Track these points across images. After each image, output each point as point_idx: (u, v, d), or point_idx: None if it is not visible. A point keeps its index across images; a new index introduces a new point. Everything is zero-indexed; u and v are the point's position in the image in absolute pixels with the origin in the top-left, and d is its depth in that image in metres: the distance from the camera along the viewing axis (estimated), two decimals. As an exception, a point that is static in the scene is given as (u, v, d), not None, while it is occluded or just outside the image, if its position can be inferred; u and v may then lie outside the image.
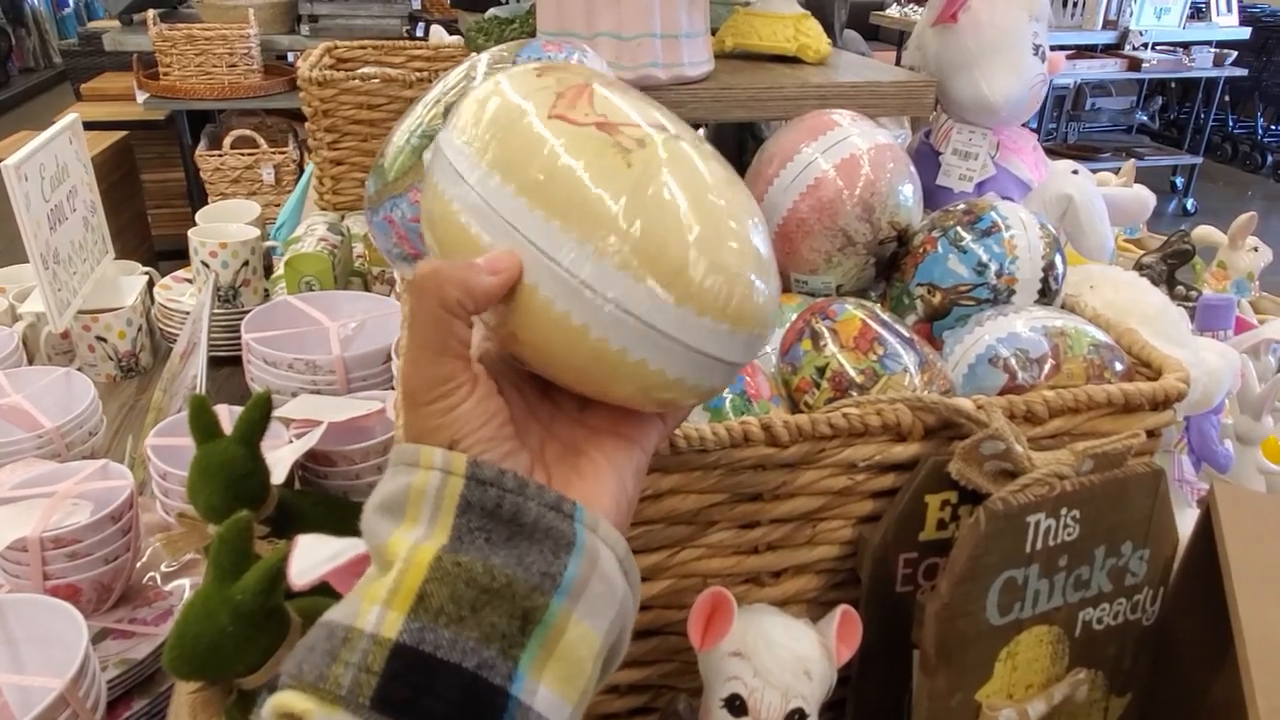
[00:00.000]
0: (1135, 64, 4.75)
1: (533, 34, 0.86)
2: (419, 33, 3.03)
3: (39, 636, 0.73)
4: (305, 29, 3.16)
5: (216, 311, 1.33)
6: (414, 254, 0.67)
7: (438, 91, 0.68)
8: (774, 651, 0.53)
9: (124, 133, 2.91)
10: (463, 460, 0.31)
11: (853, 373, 0.62)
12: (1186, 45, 4.90)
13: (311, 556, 0.48)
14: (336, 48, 1.83)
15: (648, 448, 0.38)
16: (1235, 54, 4.93)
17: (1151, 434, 0.63)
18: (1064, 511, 0.55)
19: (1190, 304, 1.25)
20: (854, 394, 0.61)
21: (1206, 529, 0.63)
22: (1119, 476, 0.56)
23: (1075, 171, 1.02)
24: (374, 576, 0.31)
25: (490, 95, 0.37)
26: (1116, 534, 0.58)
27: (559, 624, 0.30)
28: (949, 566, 0.54)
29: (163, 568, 0.93)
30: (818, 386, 0.63)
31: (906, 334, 0.65)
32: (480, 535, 0.30)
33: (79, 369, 1.27)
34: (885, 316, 0.66)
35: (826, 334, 0.64)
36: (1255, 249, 1.49)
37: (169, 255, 2.73)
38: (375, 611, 0.29)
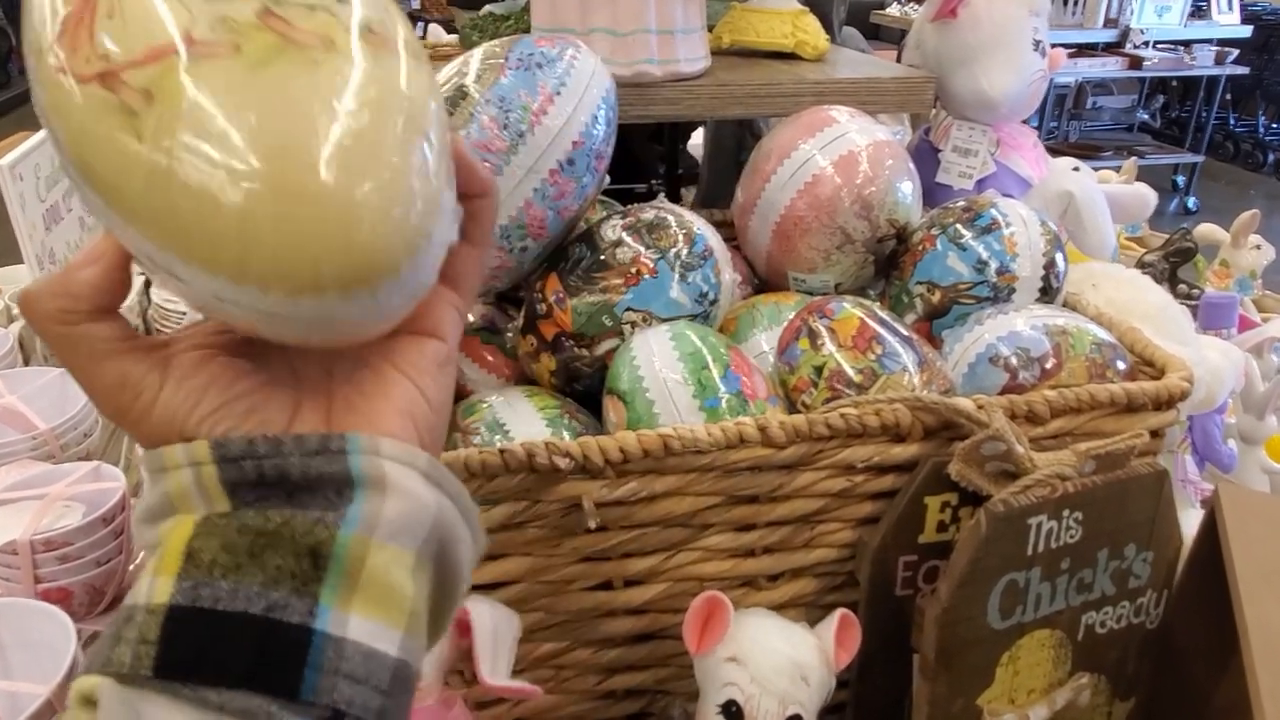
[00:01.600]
0: (1136, 62, 4.74)
1: (528, 30, 0.85)
2: (418, 32, 3.02)
3: (27, 641, 0.72)
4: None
5: (213, 312, 1.32)
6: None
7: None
8: (770, 657, 0.53)
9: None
10: (204, 446, 0.28)
11: (851, 372, 0.61)
12: (1188, 43, 4.89)
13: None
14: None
15: (446, 335, 0.34)
16: (1236, 52, 4.91)
17: (1155, 434, 0.62)
18: (1066, 513, 0.54)
19: (1193, 302, 1.23)
20: (852, 393, 0.60)
21: (1211, 530, 0.62)
22: (1122, 478, 0.55)
23: (1076, 169, 1.01)
24: (151, 562, 0.29)
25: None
26: (1120, 536, 0.57)
27: (355, 553, 0.28)
28: (949, 570, 0.53)
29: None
30: (815, 386, 0.62)
31: (905, 333, 0.64)
32: (256, 504, 0.28)
33: (74, 370, 1.26)
34: (884, 315, 0.65)
35: (824, 333, 0.63)
36: (1258, 247, 1.48)
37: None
38: (146, 582, 0.27)
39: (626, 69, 0.77)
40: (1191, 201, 4.96)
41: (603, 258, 0.66)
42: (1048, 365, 0.62)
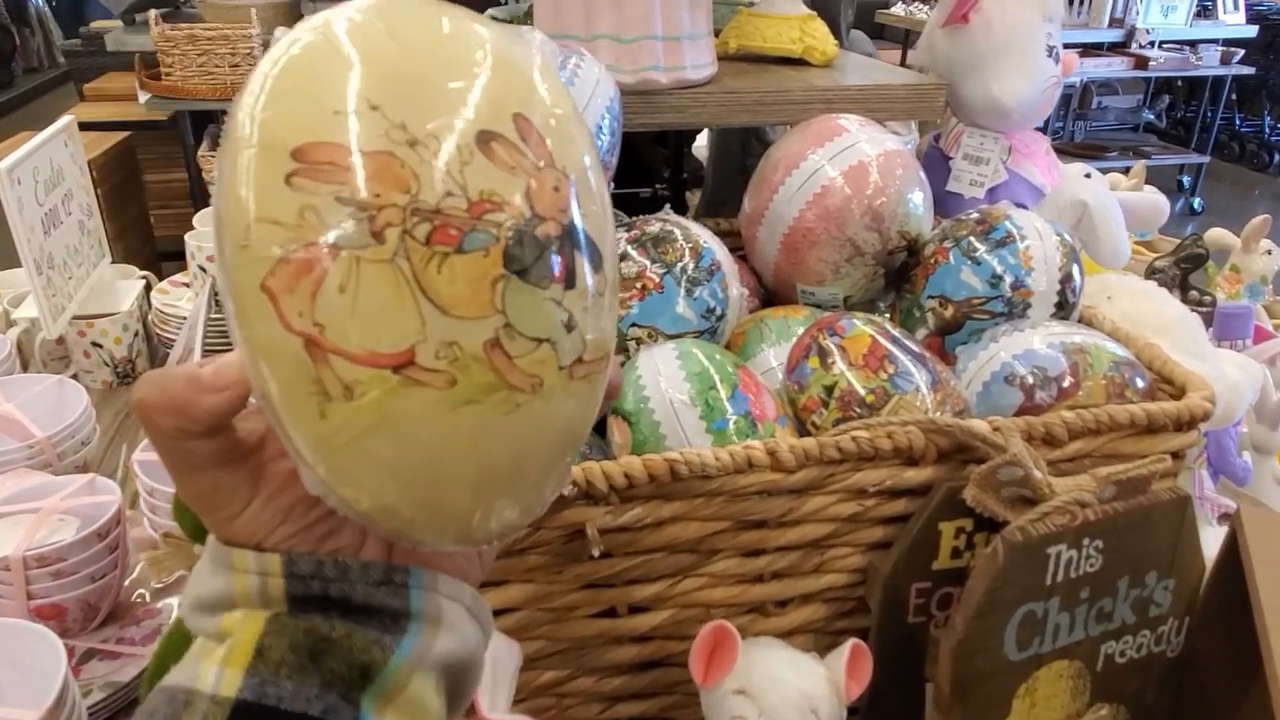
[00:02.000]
0: (1142, 62, 4.71)
1: (530, 36, 0.83)
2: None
3: (17, 663, 0.71)
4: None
5: (214, 316, 1.30)
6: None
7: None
8: (779, 689, 0.51)
9: (127, 133, 2.89)
10: (277, 561, 0.30)
11: (862, 392, 0.59)
12: (1193, 43, 4.86)
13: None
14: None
15: None
16: (1242, 52, 4.88)
17: (1175, 455, 0.60)
18: (1086, 542, 0.52)
19: (1204, 309, 1.22)
20: (863, 414, 0.58)
21: (1232, 553, 0.60)
22: (1144, 504, 0.54)
23: (1088, 175, 0.99)
24: (213, 647, 0.30)
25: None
26: (1141, 564, 0.55)
27: (399, 680, 0.30)
28: (964, 600, 0.52)
29: (152, 584, 0.91)
30: (825, 406, 0.60)
31: (918, 351, 0.62)
32: (317, 612, 0.30)
33: (74, 375, 1.25)
34: (895, 332, 0.63)
35: (834, 351, 0.61)
36: (1269, 252, 1.46)
37: (172, 256, 2.71)
38: (213, 672, 0.28)
39: (632, 76, 0.75)
40: (1197, 202, 4.93)
41: (607, 272, 0.64)
42: (1065, 385, 0.61)
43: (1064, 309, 0.69)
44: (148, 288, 1.41)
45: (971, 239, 0.70)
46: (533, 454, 0.28)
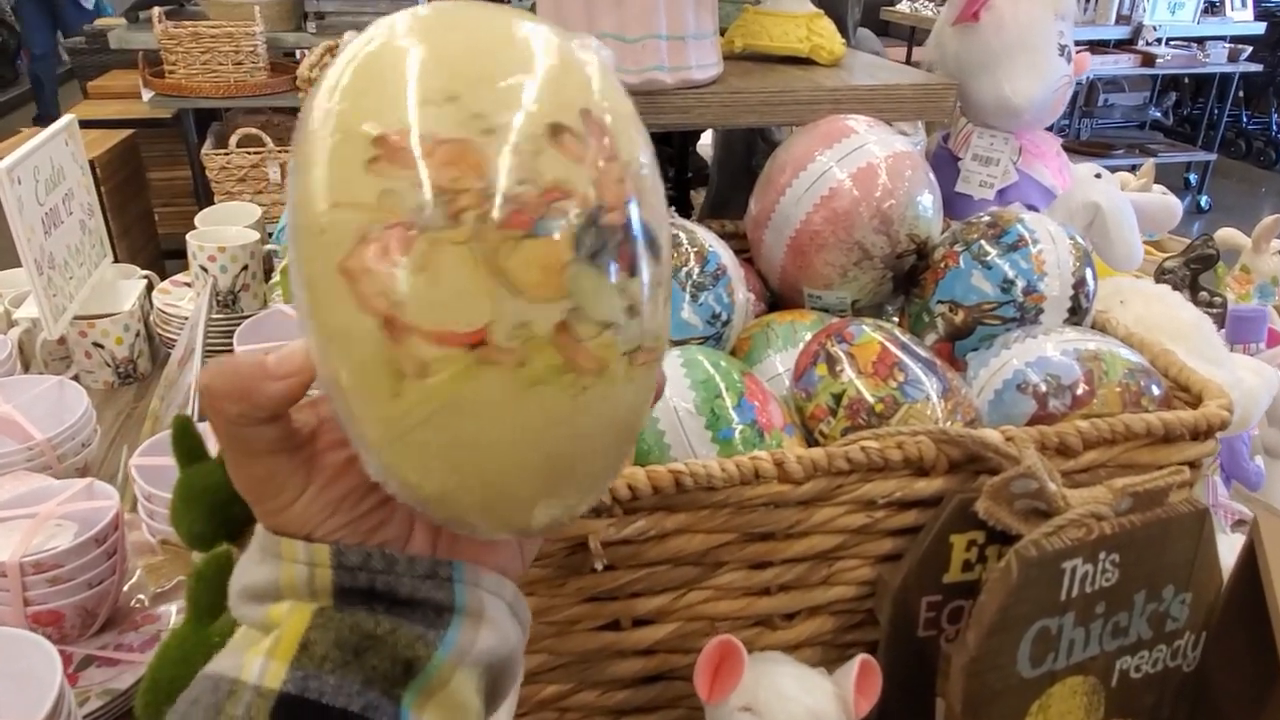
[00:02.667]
0: (1149, 59, 4.68)
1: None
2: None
3: (12, 672, 0.70)
4: (312, 26, 3.12)
5: (215, 316, 1.30)
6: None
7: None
8: (787, 706, 0.50)
9: (131, 131, 2.88)
10: (325, 551, 0.30)
11: (871, 400, 0.58)
12: (1200, 40, 4.83)
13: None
14: (337, 46, 1.79)
15: None
16: (1250, 49, 4.85)
17: (1192, 465, 0.59)
18: (1102, 556, 0.51)
19: (1214, 310, 1.20)
20: (873, 423, 0.57)
21: (1250, 564, 0.58)
22: (1161, 517, 0.52)
23: (1098, 175, 0.98)
24: (258, 637, 0.30)
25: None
26: (1157, 578, 0.54)
27: (442, 676, 0.30)
28: (977, 617, 0.50)
29: (152, 590, 0.90)
30: (834, 415, 0.59)
31: (928, 358, 0.61)
32: (362, 606, 0.30)
33: (76, 376, 1.24)
34: (905, 339, 0.62)
35: (843, 358, 0.60)
36: (1279, 252, 1.44)
37: (176, 254, 2.70)
38: (258, 663, 0.29)
39: (636, 76, 0.74)
40: (1204, 200, 4.90)
41: (611, 277, 0.63)
42: (1079, 393, 0.59)
43: (1077, 314, 0.67)
44: (149, 288, 1.41)
45: (983, 243, 0.69)
46: (595, 440, 0.29)
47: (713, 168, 1.45)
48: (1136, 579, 0.53)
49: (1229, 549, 0.62)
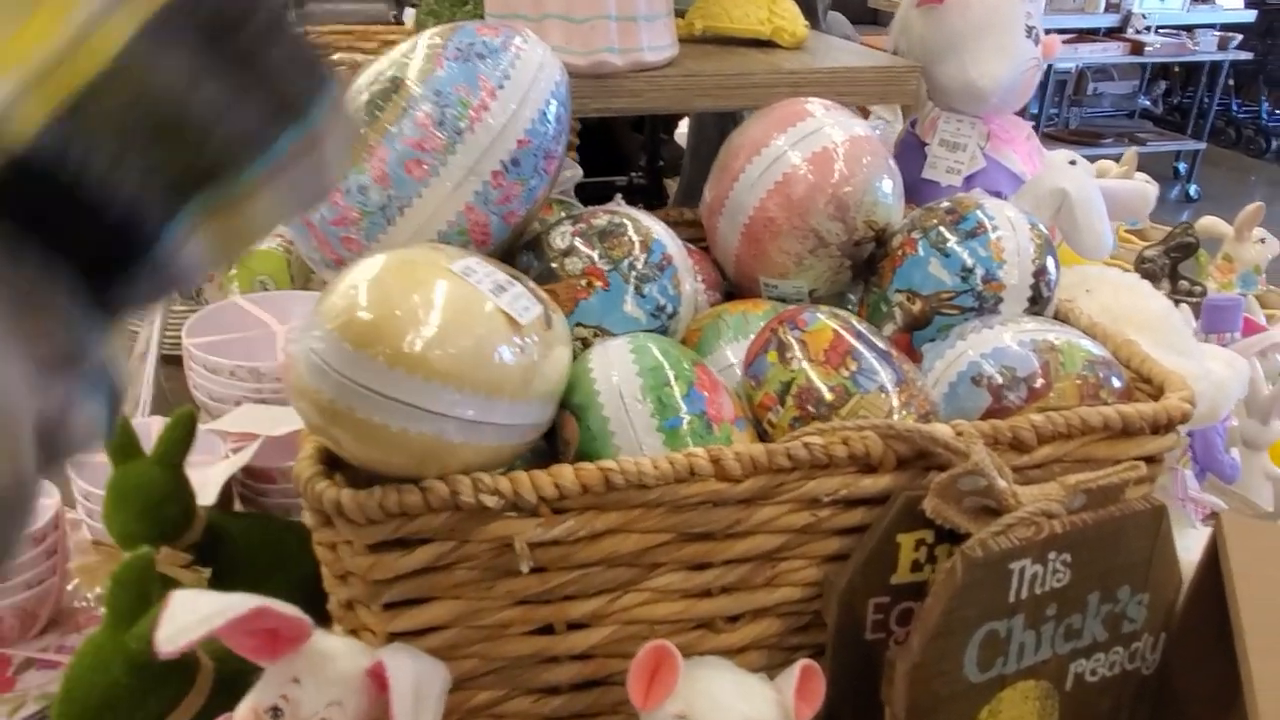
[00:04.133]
0: (1138, 48, 4.66)
1: (484, 16, 0.79)
2: (396, 15, 2.95)
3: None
4: (290, 15, 3.07)
5: (178, 309, 1.26)
6: (336, 259, 0.61)
7: (366, 79, 0.62)
8: (722, 714, 0.47)
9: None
10: None
11: (822, 389, 0.56)
12: (1190, 28, 4.81)
13: (183, 618, 0.42)
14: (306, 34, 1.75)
15: None
16: (1240, 37, 4.83)
17: (1152, 461, 0.57)
18: (1053, 556, 0.49)
19: (1194, 300, 1.18)
20: (823, 412, 0.55)
21: (1213, 563, 0.56)
22: (1115, 515, 0.50)
23: (1073, 162, 0.95)
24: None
25: None
26: (1112, 578, 0.52)
27: (245, 193, 0.24)
28: (921, 620, 0.48)
29: (97, 589, 0.87)
30: (782, 404, 0.56)
31: (884, 348, 0.59)
32: (197, 35, 0.22)
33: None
34: (861, 327, 0.59)
35: (795, 345, 0.57)
36: (1262, 240, 1.42)
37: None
38: (8, 87, 0.20)
39: (584, 59, 0.71)
40: (1193, 189, 4.89)
41: (551, 267, 0.61)
42: (1035, 385, 0.57)
43: (1038, 303, 0.65)
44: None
45: (941, 229, 0.66)
46: None
47: (686, 156, 1.42)
48: (1089, 579, 0.51)
49: (1199, 545, 0.60)
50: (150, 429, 0.83)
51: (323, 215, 0.59)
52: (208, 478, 0.76)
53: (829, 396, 0.55)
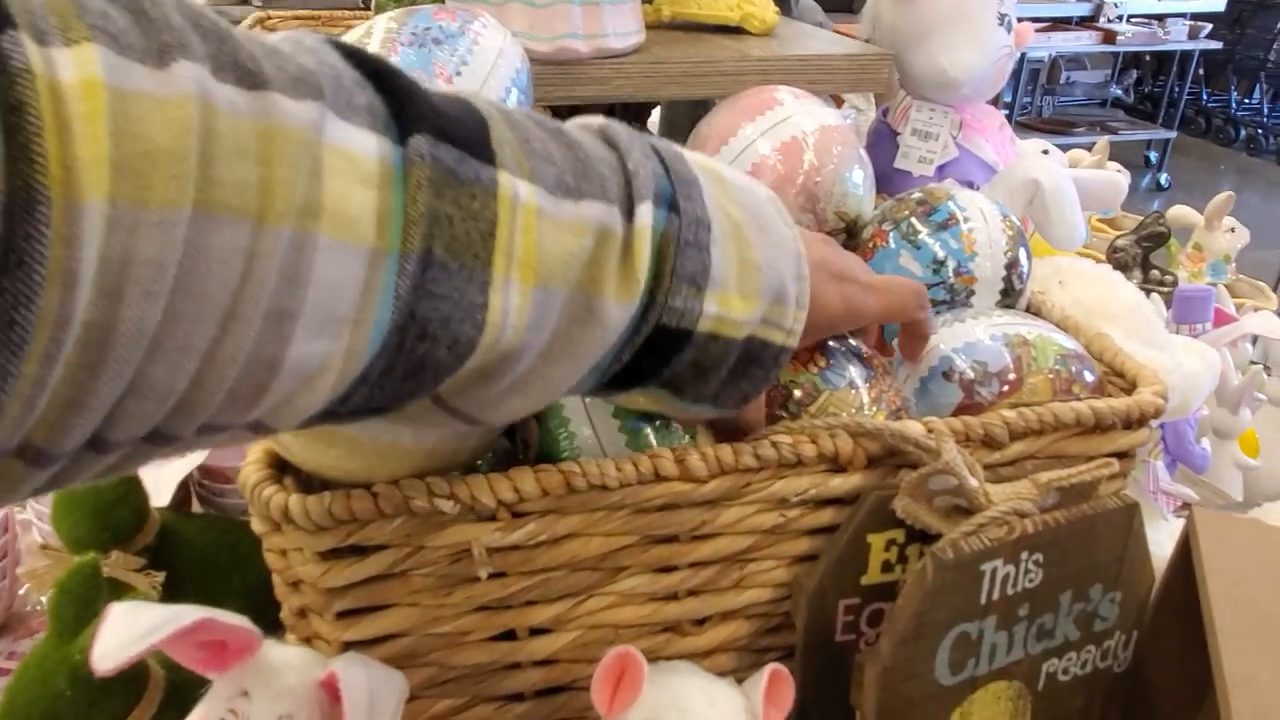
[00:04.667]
0: (1110, 37, 4.69)
1: (444, 0, 0.76)
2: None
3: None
4: (258, 0, 3.02)
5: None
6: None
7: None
8: (688, 722, 0.46)
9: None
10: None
11: (789, 386, 0.54)
12: (1161, 18, 4.84)
13: (122, 633, 0.40)
14: (270, 18, 1.71)
15: None
16: (1210, 27, 4.87)
17: (1124, 456, 0.56)
18: (1025, 556, 0.48)
19: (1165, 289, 1.18)
20: (792, 411, 0.53)
21: (1185, 558, 0.56)
22: (1087, 514, 0.49)
23: (1046, 152, 0.95)
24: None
25: None
26: (1084, 577, 0.51)
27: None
28: (890, 624, 0.47)
29: (36, 597, 0.85)
30: (750, 404, 0.55)
31: (854, 344, 0.57)
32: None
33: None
34: (829, 322, 0.58)
35: None
36: (1232, 230, 1.43)
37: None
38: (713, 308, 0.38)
39: (547, 44, 0.69)
40: (1164, 178, 4.94)
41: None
42: (1008, 380, 0.56)
43: (1010, 296, 0.64)
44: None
45: (913, 220, 0.65)
46: None
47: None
48: (1062, 579, 0.50)
49: (1171, 538, 0.59)
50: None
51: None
52: (161, 478, 0.74)
53: (798, 394, 0.54)
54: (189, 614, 0.41)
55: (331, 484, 0.45)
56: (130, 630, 0.40)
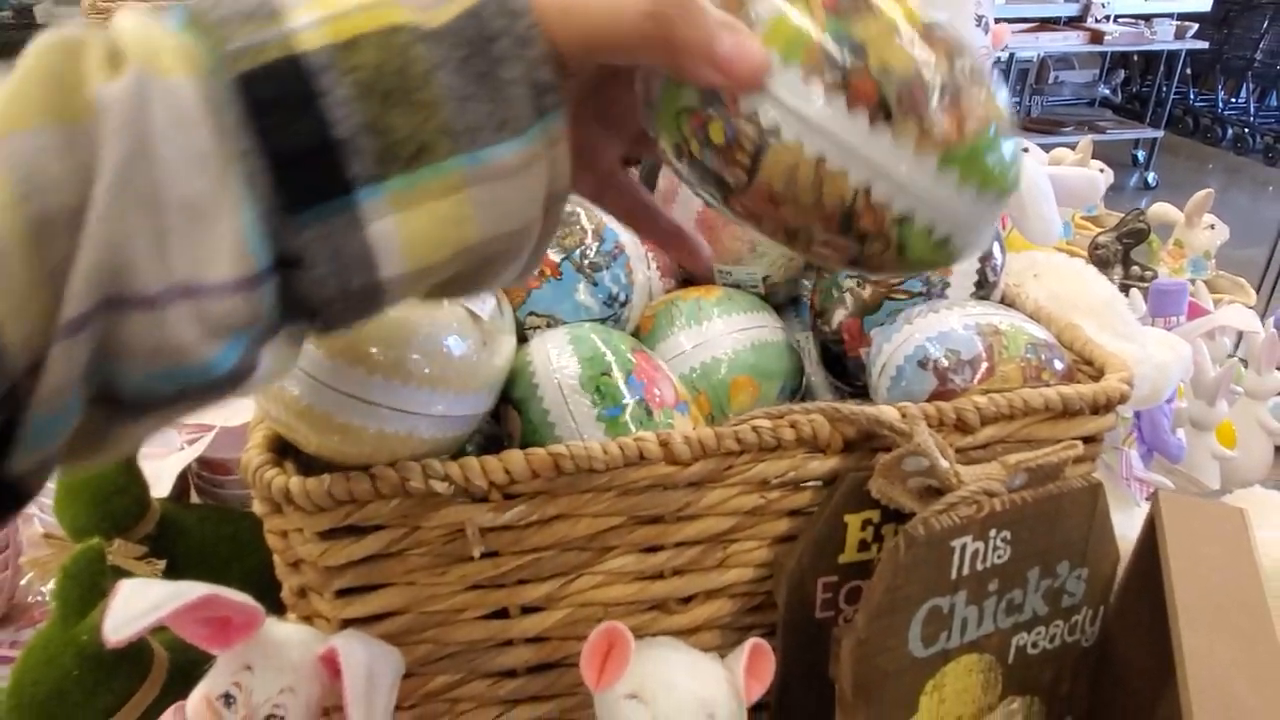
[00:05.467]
0: (1098, 36, 4.72)
1: None
2: None
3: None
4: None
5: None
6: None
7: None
8: (674, 694, 0.48)
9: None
10: None
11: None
12: (1148, 18, 4.88)
13: (132, 607, 0.42)
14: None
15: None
16: (1196, 26, 4.91)
17: (1091, 440, 0.58)
18: (993, 533, 0.50)
19: (1145, 285, 1.20)
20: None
21: (1150, 540, 0.58)
22: (1054, 493, 0.51)
23: (1025, 149, 0.97)
24: None
25: None
26: (1051, 554, 0.53)
27: (445, 183, 0.26)
28: (866, 598, 0.49)
29: (50, 583, 0.86)
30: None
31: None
32: (461, 50, 0.26)
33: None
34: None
35: None
36: (1212, 226, 1.45)
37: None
38: (308, 17, 0.26)
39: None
40: (1151, 177, 4.97)
41: (504, 253, 0.61)
42: (980, 368, 0.58)
43: (984, 288, 0.66)
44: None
45: (890, 216, 0.67)
46: None
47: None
48: (1029, 556, 0.52)
49: (1141, 520, 0.61)
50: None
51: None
52: (162, 470, 0.76)
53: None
54: (195, 589, 0.43)
55: (332, 467, 0.47)
56: (139, 604, 0.42)
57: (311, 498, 0.45)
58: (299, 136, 0.25)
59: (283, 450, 0.49)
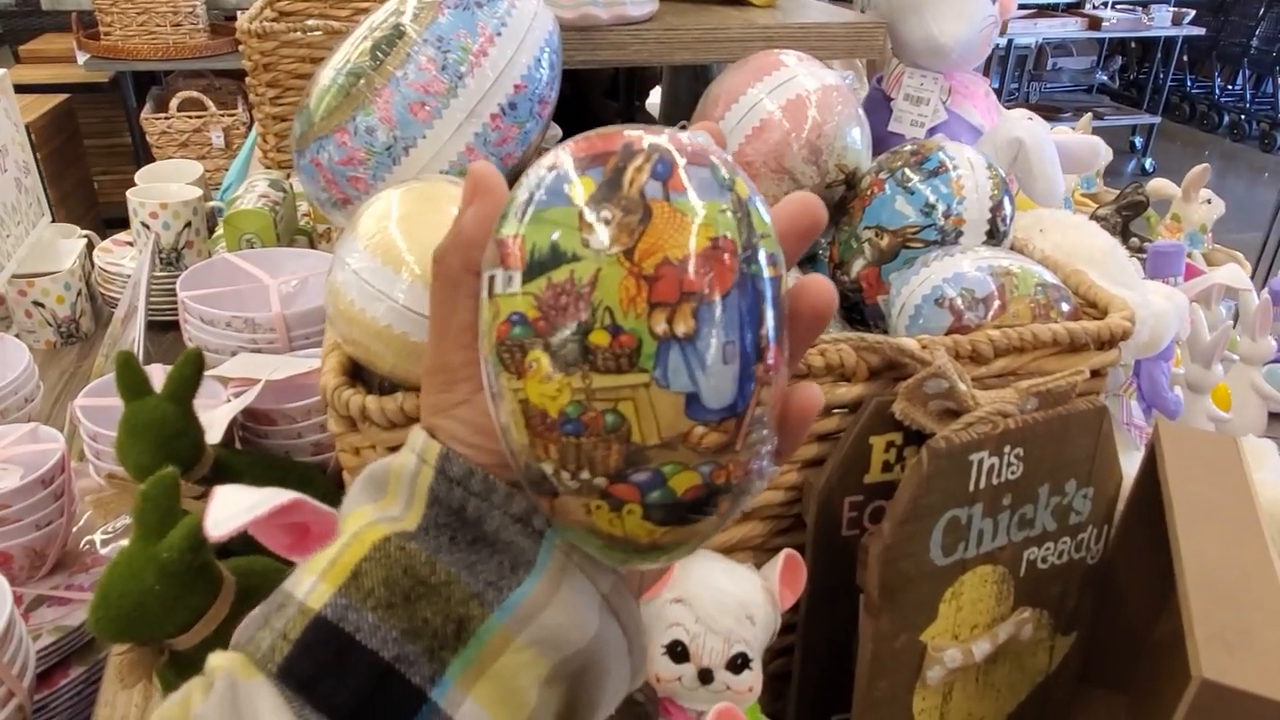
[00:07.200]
0: (1095, 23, 4.76)
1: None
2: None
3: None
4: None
5: (159, 274, 1.29)
6: (342, 199, 0.65)
7: (365, 29, 0.65)
8: (716, 597, 0.53)
9: (65, 96, 2.81)
10: (435, 451, 0.29)
11: None
12: (1145, 4, 4.92)
13: (229, 507, 0.46)
14: (280, 0, 1.77)
15: None
16: (1193, 13, 4.95)
17: (1096, 373, 0.62)
18: (1007, 449, 0.54)
19: (1144, 255, 1.25)
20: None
21: (1151, 469, 0.62)
22: (1062, 414, 0.56)
23: (1030, 118, 1.01)
24: (319, 558, 0.29)
25: None
26: (1060, 472, 0.57)
27: (496, 644, 0.28)
28: (892, 507, 0.53)
29: (100, 534, 0.91)
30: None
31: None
32: (445, 532, 0.29)
33: (17, 335, 1.23)
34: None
35: None
36: (1208, 201, 1.50)
37: (118, 223, 2.64)
38: (309, 581, 0.28)
39: (571, 11, 0.75)
40: (1149, 163, 5.02)
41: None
42: (993, 305, 0.62)
43: (995, 237, 0.70)
44: (90, 247, 1.39)
45: (906, 169, 0.71)
46: None
47: (660, 119, 1.46)
48: (1040, 473, 0.56)
49: (1139, 463, 0.65)
50: (150, 369, 0.86)
51: (330, 155, 0.63)
52: (213, 418, 0.80)
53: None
54: (285, 494, 0.48)
55: (400, 388, 0.52)
56: (237, 504, 0.46)
57: (386, 414, 0.49)
58: (357, 680, 0.27)
59: (355, 374, 0.53)
